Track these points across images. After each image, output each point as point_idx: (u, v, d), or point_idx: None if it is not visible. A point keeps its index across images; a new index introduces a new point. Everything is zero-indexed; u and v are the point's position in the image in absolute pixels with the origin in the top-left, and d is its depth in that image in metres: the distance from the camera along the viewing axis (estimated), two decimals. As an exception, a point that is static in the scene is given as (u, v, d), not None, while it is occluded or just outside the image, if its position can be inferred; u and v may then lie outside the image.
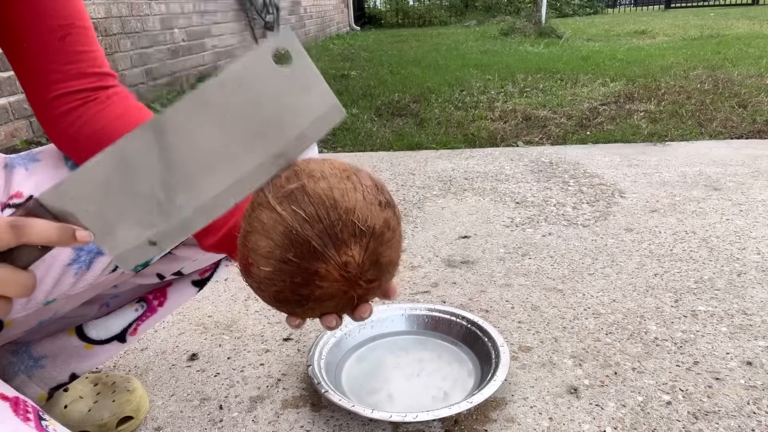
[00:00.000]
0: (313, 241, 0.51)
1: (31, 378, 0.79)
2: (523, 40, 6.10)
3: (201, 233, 0.65)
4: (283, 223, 0.51)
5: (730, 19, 7.68)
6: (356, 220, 0.51)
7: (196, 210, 0.45)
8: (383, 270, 0.55)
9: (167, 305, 0.84)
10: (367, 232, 0.52)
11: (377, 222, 0.52)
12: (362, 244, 0.52)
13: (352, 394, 0.92)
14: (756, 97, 2.92)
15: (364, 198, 0.52)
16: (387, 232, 0.54)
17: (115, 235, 0.45)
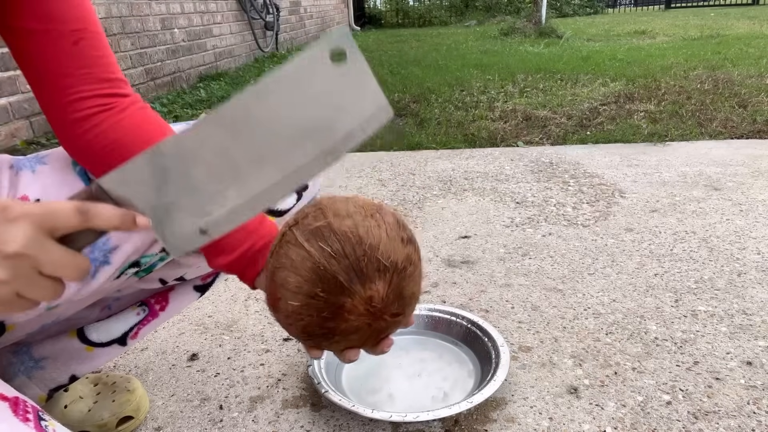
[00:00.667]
0: (339, 276, 0.54)
1: (31, 379, 0.79)
2: (524, 40, 6.10)
3: (214, 252, 0.66)
4: (311, 260, 0.54)
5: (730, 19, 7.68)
6: (380, 256, 0.54)
7: (246, 201, 0.46)
8: (406, 303, 0.58)
9: (169, 309, 0.84)
10: (390, 268, 0.55)
11: (400, 257, 0.56)
12: (386, 279, 0.55)
13: (352, 394, 0.92)
14: (756, 97, 2.92)
15: (387, 235, 0.55)
16: (409, 267, 0.57)
17: (169, 222, 0.46)
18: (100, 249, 0.66)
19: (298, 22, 6.87)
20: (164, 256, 0.73)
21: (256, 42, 5.34)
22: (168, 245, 0.47)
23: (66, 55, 0.62)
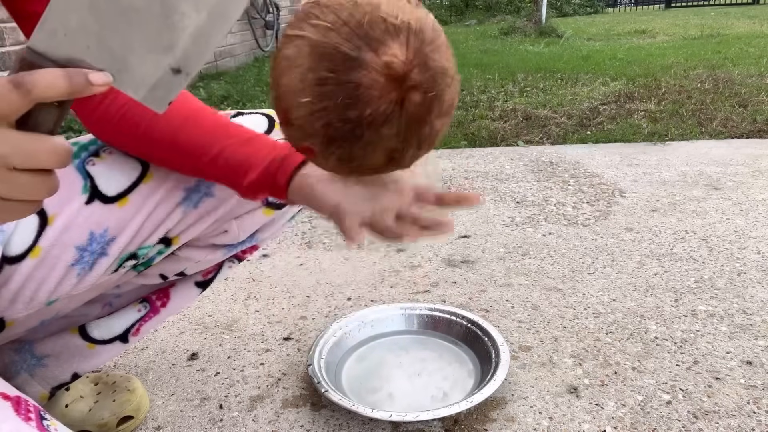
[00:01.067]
0: (342, 46, 0.44)
1: (33, 377, 0.79)
2: (524, 40, 6.10)
3: (240, 170, 0.62)
4: (307, 43, 0.45)
5: (730, 19, 7.68)
6: (385, 15, 0.44)
7: (208, 14, 0.38)
8: (437, 79, 0.47)
9: (170, 306, 0.84)
10: (402, 27, 0.44)
11: (411, 18, 0.45)
12: (401, 40, 0.45)
13: (352, 394, 0.92)
14: (756, 97, 2.92)
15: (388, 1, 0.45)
16: (428, 31, 0.46)
17: (131, 70, 0.38)
18: (97, 241, 0.66)
19: (298, 21, 6.85)
20: (162, 249, 0.73)
21: (256, 41, 5.34)
22: (144, 99, 0.40)
23: None
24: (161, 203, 0.69)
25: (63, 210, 0.65)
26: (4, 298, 0.64)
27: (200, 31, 0.38)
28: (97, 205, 0.66)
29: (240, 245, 0.82)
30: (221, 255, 0.82)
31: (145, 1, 0.37)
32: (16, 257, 0.63)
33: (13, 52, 2.38)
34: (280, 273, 1.39)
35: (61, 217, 0.64)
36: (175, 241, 0.73)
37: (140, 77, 0.39)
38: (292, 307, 1.22)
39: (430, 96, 0.46)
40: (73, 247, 0.65)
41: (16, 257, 0.63)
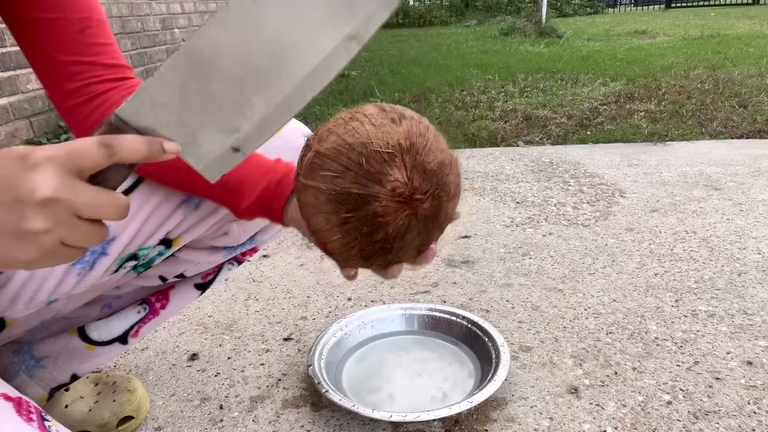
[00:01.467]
0: (353, 189, 0.51)
1: (32, 378, 0.79)
2: (524, 40, 6.10)
3: (235, 195, 0.64)
4: (322, 192, 0.52)
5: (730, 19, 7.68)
6: (377, 147, 0.51)
7: (275, 108, 0.44)
8: (439, 176, 0.53)
9: (169, 308, 0.84)
10: (395, 152, 0.51)
11: (399, 137, 0.51)
12: (397, 163, 0.51)
13: (352, 394, 0.92)
14: (756, 97, 2.92)
15: (373, 124, 0.51)
16: (417, 140, 0.52)
17: (198, 144, 0.44)
18: None
19: (298, 21, 6.86)
20: (163, 250, 0.73)
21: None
22: (202, 170, 0.45)
23: (73, 43, 0.63)
24: (162, 204, 0.69)
25: None
26: (4, 297, 0.64)
27: (265, 120, 0.44)
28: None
29: (240, 247, 0.82)
30: (221, 257, 0.82)
31: (226, 91, 0.42)
32: None
33: (14, 52, 2.38)
34: (280, 273, 1.39)
35: None
36: (176, 243, 0.73)
37: (205, 151, 0.44)
38: (293, 308, 1.22)
39: (437, 194, 0.53)
40: None
41: None
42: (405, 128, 0.52)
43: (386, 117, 0.52)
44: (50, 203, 0.37)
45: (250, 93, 0.43)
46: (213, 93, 0.42)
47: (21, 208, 0.37)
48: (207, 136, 0.44)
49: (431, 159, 0.52)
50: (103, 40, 0.66)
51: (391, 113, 0.53)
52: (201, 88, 0.42)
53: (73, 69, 0.64)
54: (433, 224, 0.55)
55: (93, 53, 0.64)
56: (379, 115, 0.52)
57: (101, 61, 0.65)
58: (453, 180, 0.55)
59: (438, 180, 0.53)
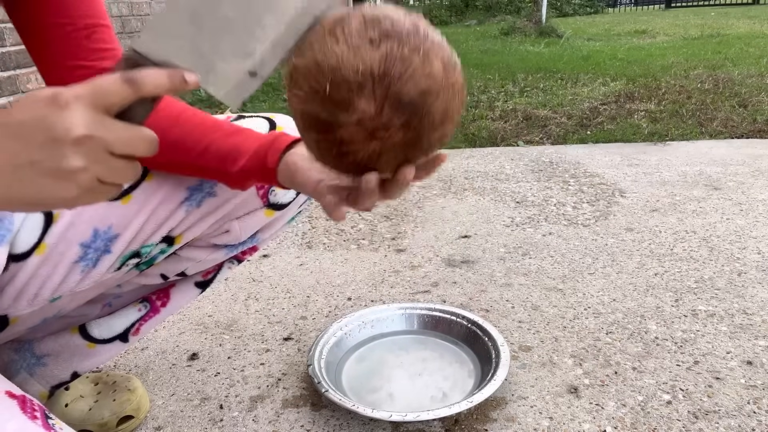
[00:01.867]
0: (320, 114, 0.49)
1: (32, 376, 0.79)
2: (524, 40, 6.10)
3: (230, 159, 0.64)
4: (295, 110, 0.51)
5: (730, 19, 7.68)
6: (346, 74, 0.47)
7: (286, 27, 0.44)
8: (417, 107, 0.49)
9: (170, 306, 0.84)
10: (365, 80, 0.47)
11: (372, 63, 0.47)
12: (366, 93, 0.48)
13: (352, 394, 0.92)
14: (756, 97, 2.92)
15: (348, 44, 0.47)
16: (395, 66, 0.48)
17: (216, 72, 0.44)
18: (101, 238, 0.66)
19: (298, 21, 6.86)
20: (165, 248, 0.73)
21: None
22: (223, 97, 0.45)
23: (79, 49, 0.64)
24: (164, 201, 0.69)
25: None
26: (9, 295, 0.65)
27: (278, 41, 0.44)
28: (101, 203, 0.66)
29: (241, 245, 0.82)
30: (222, 255, 0.82)
31: (237, 13, 0.43)
32: (22, 254, 0.63)
33: (14, 52, 2.38)
34: (280, 273, 1.39)
35: (65, 214, 0.65)
36: (178, 240, 0.73)
37: (223, 78, 0.44)
38: (292, 307, 1.22)
39: (414, 125, 0.50)
40: (78, 244, 0.65)
41: (22, 254, 0.63)
42: (382, 52, 0.47)
43: (365, 35, 0.48)
44: (85, 141, 0.38)
45: (260, 13, 0.43)
46: (224, 17, 0.43)
47: (58, 147, 0.38)
48: (223, 63, 0.44)
49: (410, 88, 0.48)
50: (109, 45, 0.67)
51: (374, 31, 0.48)
52: (212, 13, 0.42)
53: (78, 74, 0.64)
54: (411, 150, 0.52)
55: (98, 58, 0.65)
56: (357, 32, 0.48)
57: (105, 66, 0.66)
58: (441, 107, 0.50)
59: (417, 109, 0.49)
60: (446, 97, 0.51)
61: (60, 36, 0.63)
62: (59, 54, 0.64)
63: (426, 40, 0.50)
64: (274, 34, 0.44)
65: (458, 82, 0.52)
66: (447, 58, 0.51)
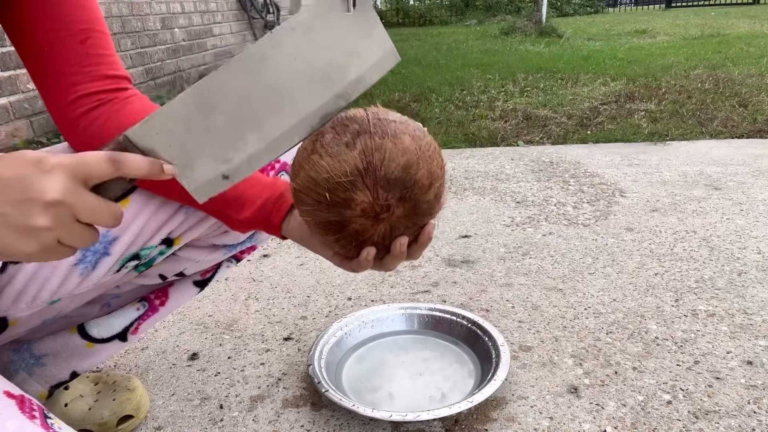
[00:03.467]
0: (330, 218, 0.56)
1: (31, 375, 0.79)
2: (524, 40, 6.10)
3: (237, 207, 0.66)
4: (308, 221, 0.58)
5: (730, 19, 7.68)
6: (338, 180, 0.54)
7: (265, 146, 0.49)
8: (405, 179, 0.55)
9: (168, 305, 0.84)
10: (355, 178, 0.54)
11: (355, 161, 0.54)
12: (359, 186, 0.55)
13: (352, 394, 0.92)
14: (757, 97, 2.91)
15: (330, 155, 0.54)
16: (374, 156, 0.54)
17: (193, 169, 0.48)
18: (101, 241, 0.66)
19: (298, 21, 6.85)
20: (164, 249, 0.73)
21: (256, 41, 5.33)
22: (194, 191, 0.49)
23: (73, 54, 0.64)
24: (164, 204, 0.69)
25: None
26: (7, 297, 0.64)
27: (254, 155, 0.49)
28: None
29: (240, 245, 0.82)
30: (221, 255, 0.82)
31: (225, 126, 0.48)
32: None
33: (14, 52, 2.38)
34: (280, 273, 1.39)
35: None
36: (177, 242, 0.73)
37: (198, 176, 0.49)
38: (293, 307, 1.22)
39: (408, 196, 0.56)
40: None
41: None
42: (360, 149, 0.54)
43: (341, 141, 0.55)
44: (56, 205, 0.41)
45: (245, 131, 0.48)
46: (213, 126, 0.48)
47: (30, 206, 0.41)
48: (202, 162, 0.49)
49: (393, 168, 0.55)
50: (104, 51, 0.66)
51: (346, 134, 0.55)
52: (203, 121, 0.47)
53: (72, 80, 0.64)
54: (416, 217, 0.58)
55: (92, 64, 0.65)
56: (333, 142, 0.55)
57: (101, 72, 0.66)
58: (424, 173, 0.57)
59: (405, 182, 0.55)
60: (425, 161, 0.57)
61: (53, 42, 0.63)
62: (53, 60, 0.63)
63: (389, 124, 0.57)
64: (253, 149, 0.49)
65: (430, 146, 0.58)
66: (413, 131, 0.58)
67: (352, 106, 0.57)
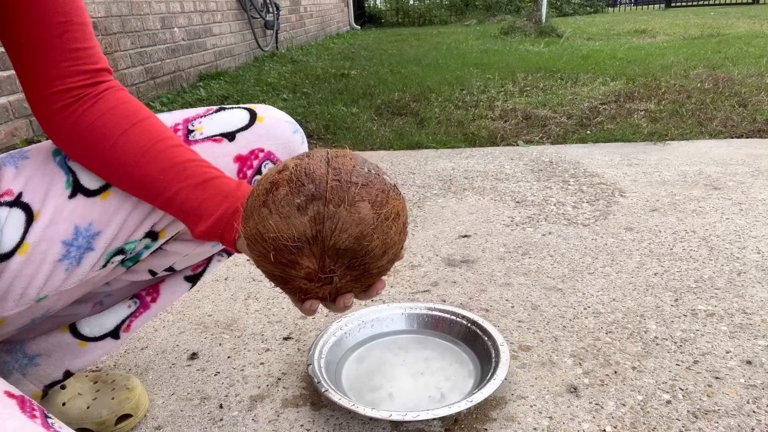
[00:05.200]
0: (274, 271, 0.55)
1: (25, 376, 0.79)
2: (524, 39, 6.10)
3: (192, 218, 0.65)
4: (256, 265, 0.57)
5: (730, 18, 7.68)
6: (284, 241, 0.52)
7: None
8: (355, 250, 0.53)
9: (160, 301, 0.84)
10: (302, 243, 0.52)
11: (304, 228, 0.52)
12: (306, 253, 0.53)
13: (351, 393, 0.92)
14: (756, 96, 2.92)
15: (280, 214, 0.52)
16: (325, 225, 0.52)
17: None
18: (83, 235, 0.66)
19: (298, 21, 6.86)
20: (149, 243, 0.73)
21: (256, 41, 5.34)
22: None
23: (49, 49, 0.62)
24: None
25: (48, 205, 0.65)
26: None
27: None
28: (80, 199, 0.66)
29: None
30: (210, 248, 0.82)
31: None
32: (5, 254, 0.63)
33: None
34: (279, 272, 1.38)
35: (46, 212, 0.65)
36: (162, 235, 0.73)
37: None
38: (292, 307, 1.22)
39: (356, 265, 0.54)
40: (60, 242, 0.65)
41: (5, 255, 0.63)
42: (311, 215, 0.52)
43: (293, 202, 0.52)
44: None
45: None
46: None
47: None
48: None
49: (344, 239, 0.52)
50: (82, 45, 0.64)
51: (300, 194, 0.52)
52: None
53: (48, 75, 0.63)
54: (364, 280, 0.56)
55: (68, 59, 0.63)
56: (285, 201, 0.52)
57: (78, 67, 0.64)
58: (378, 243, 0.54)
59: (355, 253, 0.53)
60: (381, 232, 0.54)
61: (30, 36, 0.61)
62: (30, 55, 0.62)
63: (350, 188, 0.53)
64: None
65: (392, 211, 0.55)
66: (375, 195, 0.54)
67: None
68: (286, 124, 0.78)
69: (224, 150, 0.74)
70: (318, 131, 2.79)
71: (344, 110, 3.11)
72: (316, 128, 2.82)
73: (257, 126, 0.75)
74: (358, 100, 3.36)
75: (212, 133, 0.74)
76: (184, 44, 4.01)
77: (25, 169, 0.67)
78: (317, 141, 2.67)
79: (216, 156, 0.73)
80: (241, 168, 0.75)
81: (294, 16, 6.70)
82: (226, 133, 0.74)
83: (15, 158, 0.69)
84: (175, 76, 3.86)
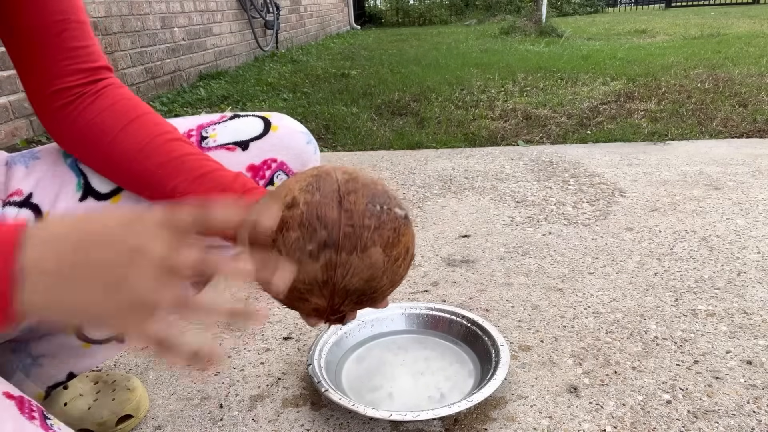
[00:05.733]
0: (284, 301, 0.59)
1: (28, 376, 0.79)
2: (524, 39, 6.10)
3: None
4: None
5: (730, 18, 7.68)
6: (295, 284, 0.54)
7: None
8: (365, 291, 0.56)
9: None
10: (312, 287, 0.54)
11: (315, 275, 0.54)
12: (317, 294, 0.55)
13: (351, 393, 0.92)
14: (756, 96, 2.92)
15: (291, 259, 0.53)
16: (336, 272, 0.53)
17: None
18: None
19: (298, 21, 6.86)
20: None
21: (256, 41, 5.34)
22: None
23: (48, 48, 0.63)
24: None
25: (58, 207, 0.65)
26: None
27: None
28: (90, 202, 0.66)
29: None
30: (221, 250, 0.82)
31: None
32: None
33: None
34: (280, 272, 1.38)
35: (55, 212, 0.65)
36: None
37: None
38: (292, 307, 1.22)
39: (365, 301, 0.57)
40: None
41: None
42: (322, 263, 0.53)
43: (305, 249, 0.52)
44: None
45: None
46: None
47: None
48: None
49: (354, 282, 0.54)
50: (81, 43, 0.65)
51: (312, 241, 0.52)
52: None
53: (47, 74, 0.63)
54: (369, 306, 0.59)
55: (67, 58, 0.64)
56: (296, 246, 0.52)
57: (77, 66, 0.64)
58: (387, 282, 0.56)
59: (365, 292, 0.56)
60: (391, 272, 0.57)
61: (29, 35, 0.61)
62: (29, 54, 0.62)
63: (363, 233, 0.54)
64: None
65: (402, 250, 0.57)
66: (387, 237, 0.55)
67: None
68: (300, 135, 0.78)
69: (237, 159, 0.74)
70: (318, 131, 2.79)
71: (344, 110, 3.11)
72: (316, 128, 2.82)
73: (271, 135, 0.75)
74: (358, 99, 3.36)
75: (225, 141, 0.74)
76: (184, 44, 4.01)
77: (36, 169, 0.67)
78: (317, 141, 2.67)
79: (229, 165, 0.72)
80: (253, 178, 0.75)
81: (294, 15, 6.70)
82: (239, 141, 0.74)
83: (26, 158, 0.69)
84: (175, 75, 3.86)
